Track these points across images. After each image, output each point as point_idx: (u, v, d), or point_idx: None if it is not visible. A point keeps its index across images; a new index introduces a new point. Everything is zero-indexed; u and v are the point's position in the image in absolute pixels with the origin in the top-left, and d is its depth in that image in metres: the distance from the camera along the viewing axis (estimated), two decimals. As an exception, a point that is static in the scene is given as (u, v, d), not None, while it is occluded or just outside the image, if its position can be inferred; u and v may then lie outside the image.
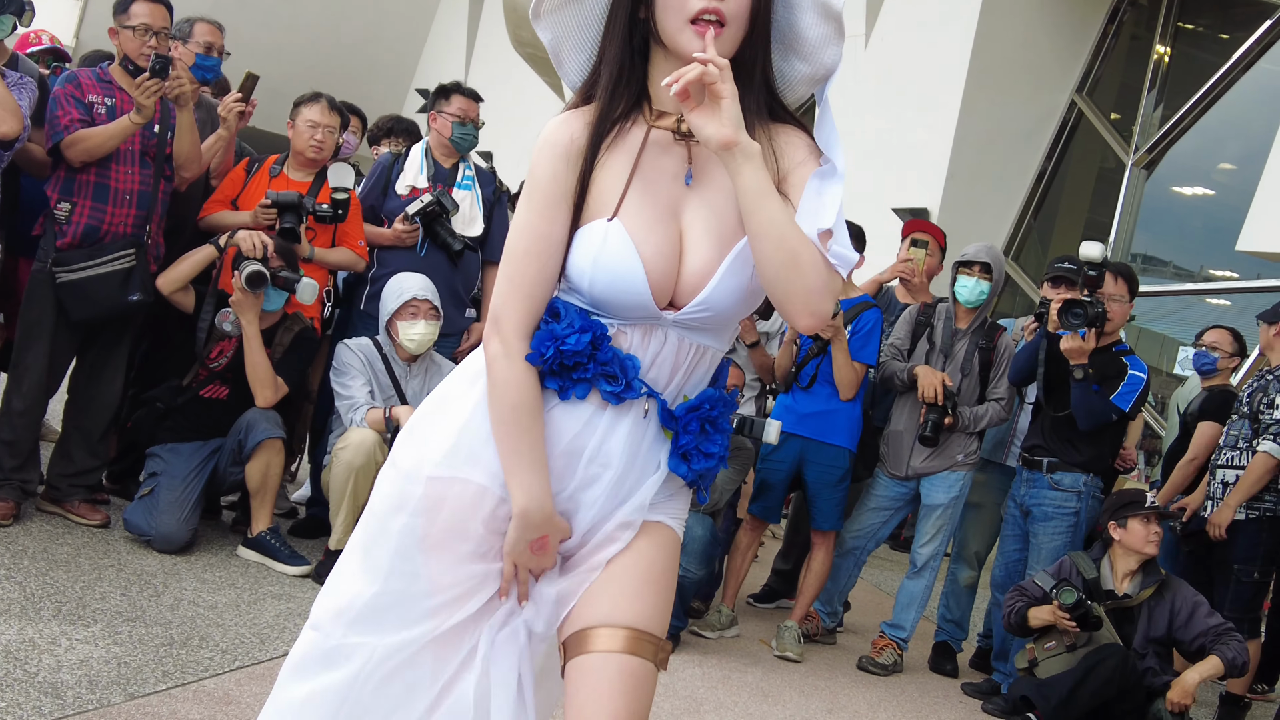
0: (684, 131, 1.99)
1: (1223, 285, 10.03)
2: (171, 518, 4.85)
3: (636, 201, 1.97)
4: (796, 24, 2.01)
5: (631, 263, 1.93)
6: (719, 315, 1.99)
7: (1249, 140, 9.70)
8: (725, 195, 1.97)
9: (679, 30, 1.92)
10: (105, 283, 4.78)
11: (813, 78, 2.05)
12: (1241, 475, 5.57)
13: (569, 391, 1.97)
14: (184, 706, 3.44)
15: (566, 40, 2.06)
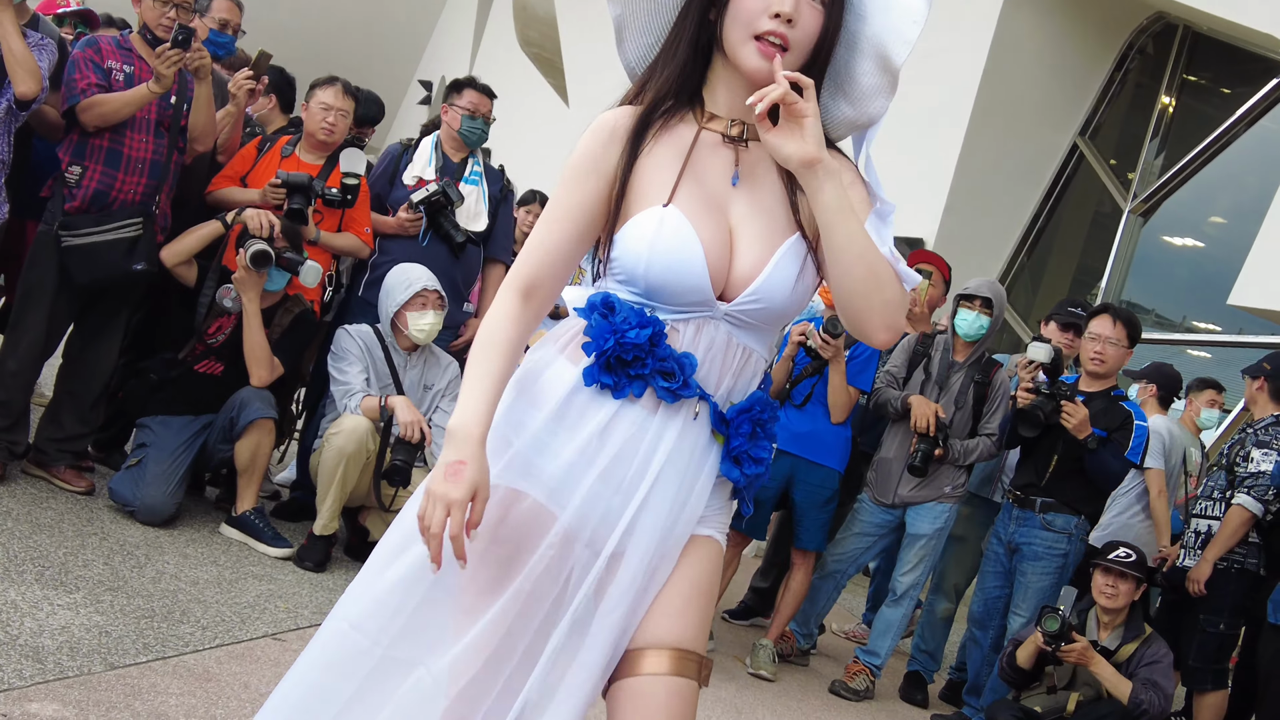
0: (733, 135, 2.02)
1: (1206, 337, 10.09)
2: (158, 490, 4.83)
3: (687, 193, 1.98)
4: (853, 67, 2.03)
5: (691, 245, 1.94)
6: (769, 308, 1.99)
7: (1243, 196, 9.76)
8: (771, 197, 2.02)
9: (741, 43, 1.95)
10: (110, 249, 4.76)
11: (854, 123, 2.07)
12: (1217, 528, 5.61)
13: (625, 389, 1.97)
14: (163, 680, 3.43)
15: (634, 21, 2.08)
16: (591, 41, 17.75)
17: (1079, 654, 4.90)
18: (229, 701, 3.41)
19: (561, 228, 2.01)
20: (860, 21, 2.00)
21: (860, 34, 2.00)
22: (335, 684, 1.98)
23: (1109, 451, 5.33)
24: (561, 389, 2.00)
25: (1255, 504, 5.46)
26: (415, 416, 4.99)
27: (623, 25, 2.09)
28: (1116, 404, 5.44)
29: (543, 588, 1.95)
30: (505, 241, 6.09)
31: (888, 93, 2.02)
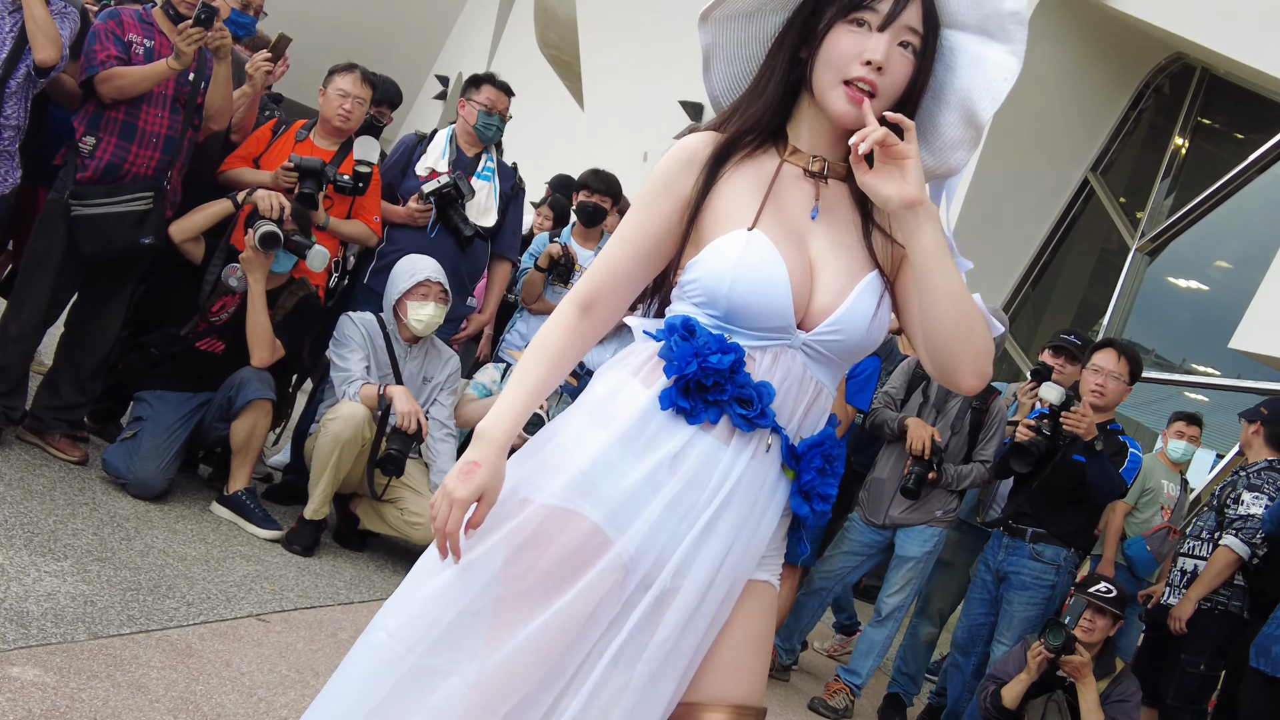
0: (814, 171, 2.03)
1: (1206, 380, 10.10)
2: (151, 464, 4.83)
3: (770, 220, 1.98)
4: (938, 118, 2.04)
5: (776, 268, 1.93)
6: (846, 341, 1.99)
7: (1250, 242, 9.78)
8: (849, 234, 2.03)
9: (831, 87, 1.96)
10: (120, 221, 4.77)
11: (932, 172, 2.08)
12: (1203, 568, 5.62)
13: (701, 414, 1.94)
14: (146, 653, 3.43)
15: (722, 50, 2.09)
16: (610, 47, 17.78)
17: (1076, 666, 4.92)
18: (209, 678, 3.42)
19: (630, 247, 2.02)
20: (949, 73, 2.01)
21: (948, 85, 2.01)
22: (366, 690, 1.94)
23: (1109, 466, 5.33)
24: (633, 412, 1.96)
25: (1242, 546, 5.47)
26: (413, 407, 4.99)
27: (711, 54, 2.10)
28: (1113, 436, 5.45)
29: (590, 611, 1.90)
30: (513, 239, 6.10)
31: (970, 146, 2.03)
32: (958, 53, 2.00)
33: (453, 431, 5.35)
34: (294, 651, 3.87)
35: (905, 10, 1.93)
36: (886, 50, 1.92)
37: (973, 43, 1.99)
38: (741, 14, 2.04)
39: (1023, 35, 1.95)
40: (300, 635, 4.03)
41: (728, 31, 2.07)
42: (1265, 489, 5.57)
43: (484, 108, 5.84)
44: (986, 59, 1.97)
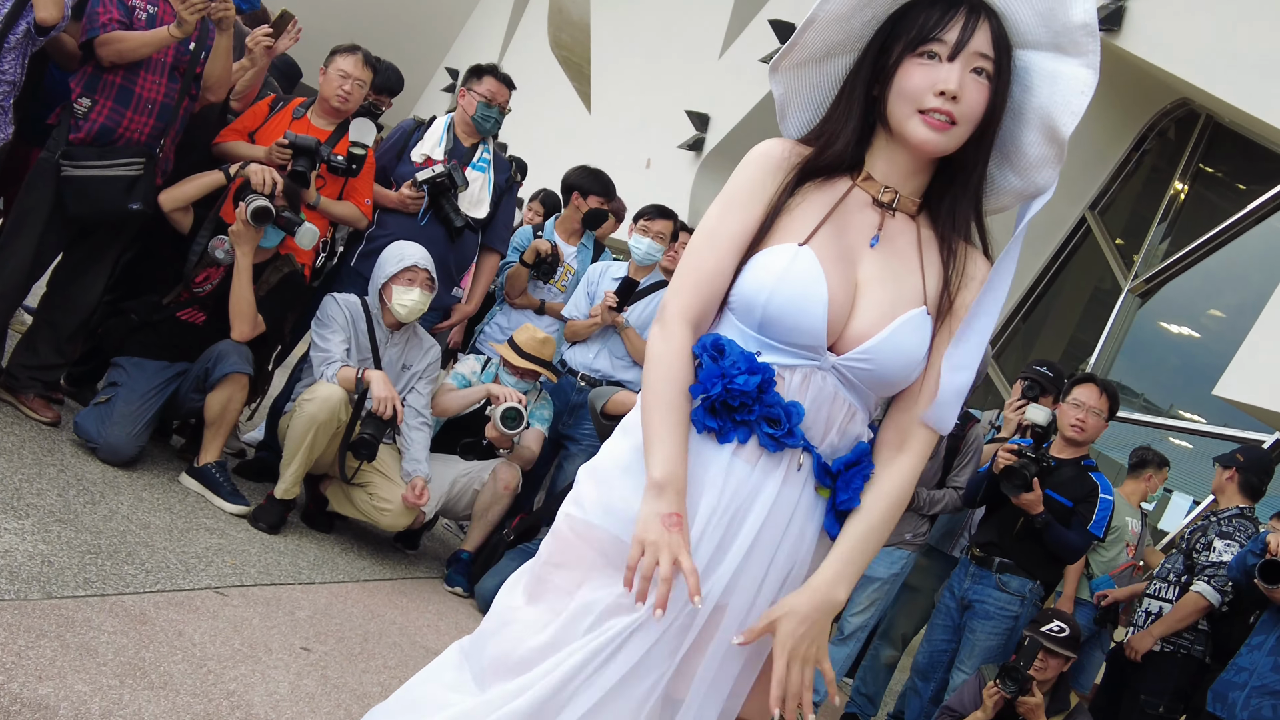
0: (884, 201, 2.04)
1: (1192, 425, 10.10)
2: (123, 430, 4.81)
3: (825, 240, 1.99)
4: (1020, 138, 2.04)
5: (817, 286, 1.94)
6: (876, 372, 1.99)
7: (1244, 292, 9.78)
8: (904, 268, 2.03)
9: (907, 118, 1.97)
10: (109, 185, 4.76)
11: (1021, 193, 2.09)
12: (1170, 609, 5.61)
13: (730, 434, 1.96)
14: (98, 616, 3.41)
15: (796, 97, 2.09)
16: (620, 53, 17.80)
17: (1031, 708, 4.92)
18: (160, 646, 3.40)
19: (717, 256, 2.01)
20: (1026, 93, 2.01)
21: (1026, 104, 2.01)
22: None
23: (1072, 525, 5.33)
24: None
25: (1214, 594, 5.46)
26: (390, 393, 4.98)
27: (786, 103, 2.10)
28: (1085, 474, 5.44)
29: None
30: (504, 232, 6.10)
31: (1055, 163, 2.02)
32: (1032, 71, 2.00)
33: (428, 420, 5.34)
34: (249, 626, 3.85)
35: (973, 37, 1.93)
36: (959, 79, 1.93)
37: (1047, 60, 1.99)
38: (811, 60, 2.04)
39: (1095, 46, 1.95)
40: (257, 611, 4.01)
41: (799, 79, 2.07)
42: (1236, 536, 5.56)
43: (484, 99, 5.84)
44: (1062, 74, 1.97)
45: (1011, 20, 1.98)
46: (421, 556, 5.79)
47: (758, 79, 13.73)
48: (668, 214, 6.20)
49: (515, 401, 5.34)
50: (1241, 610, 5.54)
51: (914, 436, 2.05)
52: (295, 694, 3.50)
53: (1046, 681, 5.07)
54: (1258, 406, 7.60)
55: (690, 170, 14.67)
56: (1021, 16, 1.97)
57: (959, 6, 1.95)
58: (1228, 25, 8.65)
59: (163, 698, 3.11)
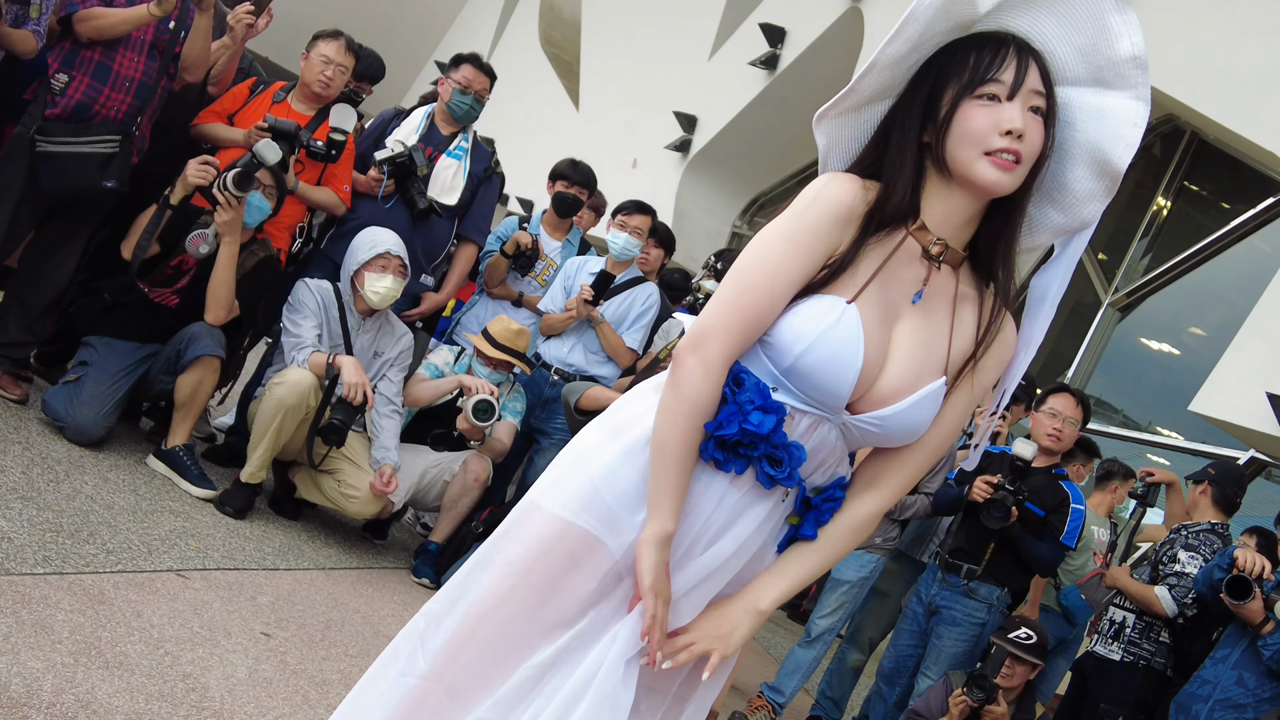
0: (934, 254, 1.99)
1: (1170, 441, 10.13)
2: (91, 410, 4.77)
3: (871, 297, 1.95)
4: (1064, 174, 2.00)
5: (854, 352, 1.92)
6: (883, 435, 2.00)
7: (1225, 310, 9.80)
8: (936, 330, 2.01)
9: (974, 160, 1.92)
10: (84, 162, 4.72)
11: (1062, 228, 2.05)
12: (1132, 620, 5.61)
13: (729, 465, 1.95)
14: (56, 594, 3.38)
15: (838, 146, 2.06)
16: (610, 52, 17.79)
17: (996, 718, 4.92)
18: (117, 626, 3.37)
19: (771, 301, 1.94)
20: (1068, 129, 1.98)
21: (1070, 141, 1.98)
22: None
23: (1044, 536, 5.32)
24: (643, 430, 1.99)
25: (1171, 603, 5.46)
26: (361, 379, 4.95)
27: (829, 153, 2.07)
28: (1056, 483, 5.44)
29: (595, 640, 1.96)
30: (481, 223, 6.07)
31: (1105, 196, 1.99)
32: (1073, 107, 1.98)
33: (399, 409, 5.31)
34: (209, 610, 3.82)
35: (1028, 75, 1.91)
36: (1023, 117, 1.90)
37: (1089, 95, 1.97)
38: (852, 109, 2.01)
39: (1144, 78, 1.92)
40: (218, 595, 3.98)
41: (840, 128, 2.04)
42: (1201, 550, 5.56)
43: (459, 85, 5.83)
44: (1110, 108, 1.95)
45: (1051, 58, 1.96)
46: (389, 547, 5.76)
47: (747, 82, 13.74)
48: (645, 209, 6.19)
49: (487, 393, 5.32)
50: (1204, 626, 5.55)
51: (889, 477, 2.07)
52: (253, 678, 3.47)
53: (1013, 690, 5.06)
54: (1233, 423, 7.62)
55: (677, 171, 14.66)
56: (1061, 53, 1.95)
57: (1007, 46, 1.92)
58: (1214, 42, 8.68)
59: (117, 677, 3.08)
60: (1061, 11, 1.93)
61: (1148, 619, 5.59)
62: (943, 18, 1.91)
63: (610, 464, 1.99)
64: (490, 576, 1.99)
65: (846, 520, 2.05)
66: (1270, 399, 7.02)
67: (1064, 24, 1.94)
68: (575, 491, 1.98)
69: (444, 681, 1.97)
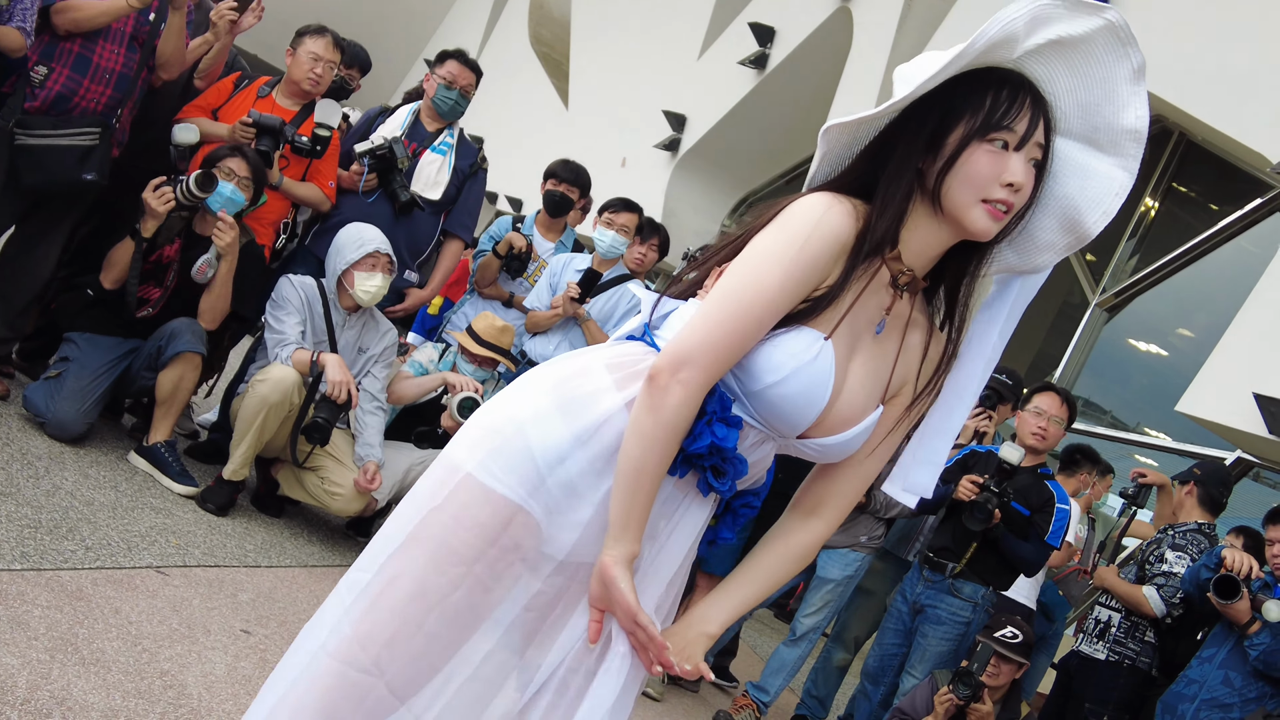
0: (901, 285, 1.98)
1: (1156, 441, 10.13)
2: (72, 406, 4.74)
3: (843, 331, 1.94)
4: (1032, 221, 1.99)
5: (824, 390, 1.91)
6: (822, 457, 2.00)
7: (1213, 311, 9.81)
8: (889, 355, 2.01)
9: (970, 205, 1.90)
10: (64, 155, 4.68)
11: (1013, 268, 2.04)
12: (1118, 619, 5.61)
13: (677, 469, 1.92)
14: (33, 590, 3.35)
15: (831, 155, 2.04)
16: (599, 51, 17.76)
17: (982, 716, 4.91)
18: (95, 623, 3.34)
19: (759, 328, 1.88)
20: (1051, 179, 1.97)
21: (1048, 192, 1.96)
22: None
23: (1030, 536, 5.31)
24: (597, 416, 1.91)
25: (1159, 603, 5.46)
26: (345, 377, 4.92)
27: (822, 160, 2.05)
28: (1042, 483, 5.42)
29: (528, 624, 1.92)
30: (467, 218, 6.04)
31: (1062, 252, 1.99)
32: (1060, 160, 1.96)
33: (383, 405, 5.28)
34: (188, 607, 3.79)
35: (1038, 128, 1.90)
36: (1025, 171, 1.89)
37: (1076, 150, 1.95)
38: (852, 123, 1.98)
39: (1138, 153, 1.90)
40: (198, 592, 3.95)
41: (838, 139, 2.01)
42: (1189, 549, 5.57)
43: (444, 81, 5.80)
44: (1095, 171, 1.93)
45: (1052, 107, 1.94)
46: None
47: (736, 81, 13.73)
48: (633, 207, 6.17)
49: (472, 391, 5.29)
50: (1189, 626, 5.55)
51: (830, 504, 2.07)
52: (231, 676, 3.45)
53: (999, 688, 5.05)
54: (1220, 424, 7.63)
55: (665, 170, 14.64)
56: (1064, 105, 1.93)
57: (1024, 94, 1.90)
58: (1202, 43, 8.68)
59: (93, 674, 3.05)
60: (1078, 65, 1.90)
61: (1134, 618, 5.59)
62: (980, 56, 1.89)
63: (559, 447, 1.89)
64: (429, 558, 1.87)
65: (793, 549, 2.06)
66: (1257, 400, 7.02)
67: (1076, 77, 1.91)
68: (515, 467, 1.88)
69: (386, 676, 1.86)
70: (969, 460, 5.56)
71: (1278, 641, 4.84)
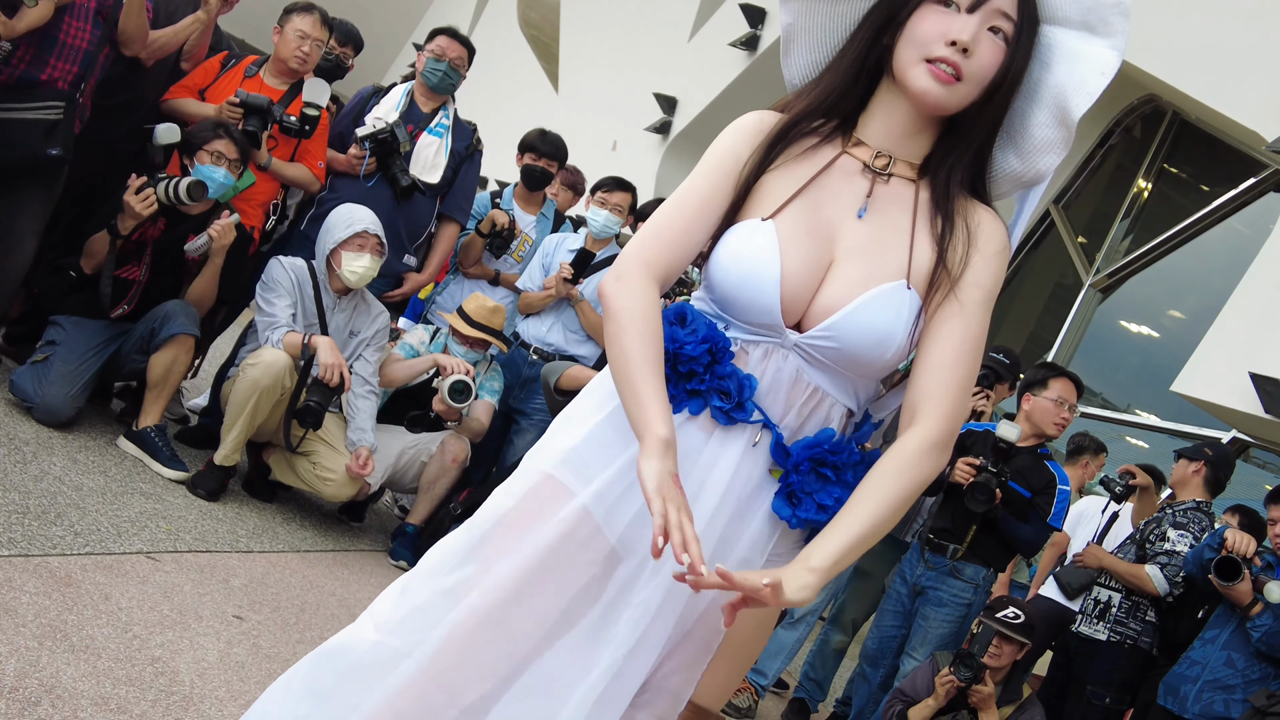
0: (876, 167, 1.93)
1: (1152, 422, 10.11)
2: (60, 390, 4.67)
3: (798, 212, 1.89)
4: (1030, 117, 1.94)
5: (769, 265, 1.85)
6: (842, 350, 1.87)
7: (1205, 293, 9.79)
8: (893, 237, 1.91)
9: (912, 64, 1.86)
10: (28, 129, 4.57)
11: (1019, 178, 1.99)
12: (1118, 599, 5.57)
13: (682, 405, 1.87)
14: (21, 576, 3.29)
15: (804, 34, 1.99)
16: (589, 34, 17.68)
17: (983, 697, 4.87)
18: (84, 609, 3.28)
19: (685, 216, 1.93)
20: (1045, 70, 1.92)
21: (1043, 83, 1.92)
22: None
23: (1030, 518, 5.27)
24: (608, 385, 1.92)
25: (1163, 582, 5.43)
26: (337, 359, 4.86)
27: (791, 37, 2.00)
28: (1042, 464, 5.37)
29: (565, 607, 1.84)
30: (463, 201, 5.97)
31: (1060, 148, 1.93)
32: (1055, 49, 1.91)
33: (375, 389, 5.22)
34: (179, 592, 3.73)
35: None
36: (975, 32, 1.83)
37: (1072, 38, 1.90)
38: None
39: (1125, 27, 1.86)
40: (189, 577, 3.89)
41: (811, 14, 1.96)
42: (1191, 528, 5.53)
43: (433, 54, 5.73)
44: (1084, 53, 1.88)
45: None
46: (366, 529, 5.68)
47: (727, 63, 13.65)
48: (626, 186, 6.11)
49: (463, 373, 5.23)
50: (1190, 605, 5.52)
51: (922, 407, 1.88)
52: (224, 662, 3.39)
53: (1000, 670, 5.00)
54: (1215, 403, 7.61)
55: (657, 153, 14.57)
56: None
57: None
58: (1197, 21, 8.64)
59: (83, 661, 3.00)
60: None
61: (1135, 598, 5.56)
62: None
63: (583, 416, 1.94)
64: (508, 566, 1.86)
65: (894, 458, 1.83)
66: (1253, 379, 6.98)
67: None
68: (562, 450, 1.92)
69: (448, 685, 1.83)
70: (966, 440, 5.52)
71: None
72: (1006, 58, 1.87)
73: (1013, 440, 5.19)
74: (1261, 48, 8.08)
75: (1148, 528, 5.69)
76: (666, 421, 1.78)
